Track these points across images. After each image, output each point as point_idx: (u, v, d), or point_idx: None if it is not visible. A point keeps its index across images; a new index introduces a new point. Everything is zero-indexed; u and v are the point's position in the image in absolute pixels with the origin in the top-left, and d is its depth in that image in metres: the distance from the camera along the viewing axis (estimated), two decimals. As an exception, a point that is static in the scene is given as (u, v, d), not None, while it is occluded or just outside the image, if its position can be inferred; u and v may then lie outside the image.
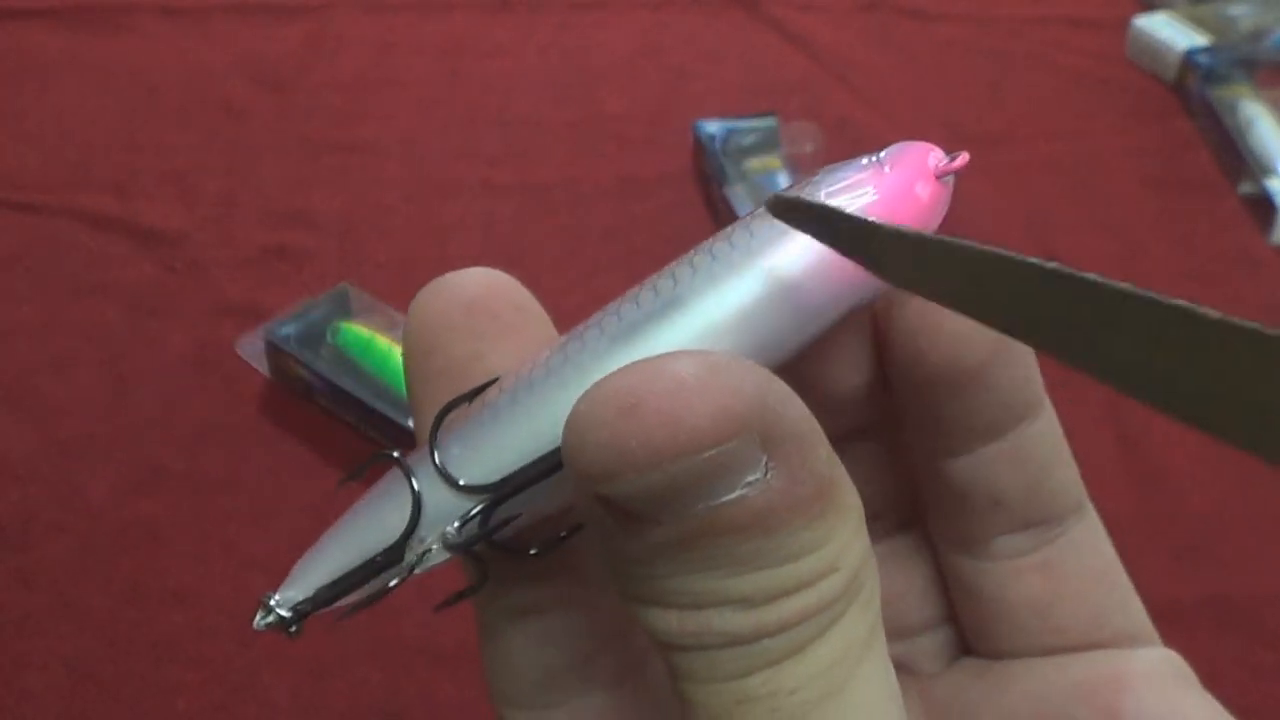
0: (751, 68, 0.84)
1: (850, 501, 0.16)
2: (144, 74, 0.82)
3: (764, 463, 0.15)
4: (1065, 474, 0.21)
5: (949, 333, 0.19)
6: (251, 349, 0.61)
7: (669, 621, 0.16)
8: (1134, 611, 0.22)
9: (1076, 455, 0.22)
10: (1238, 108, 0.76)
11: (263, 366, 0.60)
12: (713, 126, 0.73)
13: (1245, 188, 0.73)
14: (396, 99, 0.81)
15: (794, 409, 0.16)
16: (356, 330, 0.60)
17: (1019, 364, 0.20)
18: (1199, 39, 0.81)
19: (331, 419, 0.58)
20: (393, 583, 0.19)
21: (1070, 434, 0.22)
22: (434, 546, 0.18)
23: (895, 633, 0.22)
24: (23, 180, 0.73)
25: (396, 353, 0.58)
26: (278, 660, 0.49)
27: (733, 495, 0.15)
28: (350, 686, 0.48)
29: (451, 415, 0.18)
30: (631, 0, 0.90)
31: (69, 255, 0.68)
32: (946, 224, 0.21)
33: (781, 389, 0.15)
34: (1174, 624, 0.56)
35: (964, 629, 0.22)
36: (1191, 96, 0.79)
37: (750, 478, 0.15)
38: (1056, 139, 0.78)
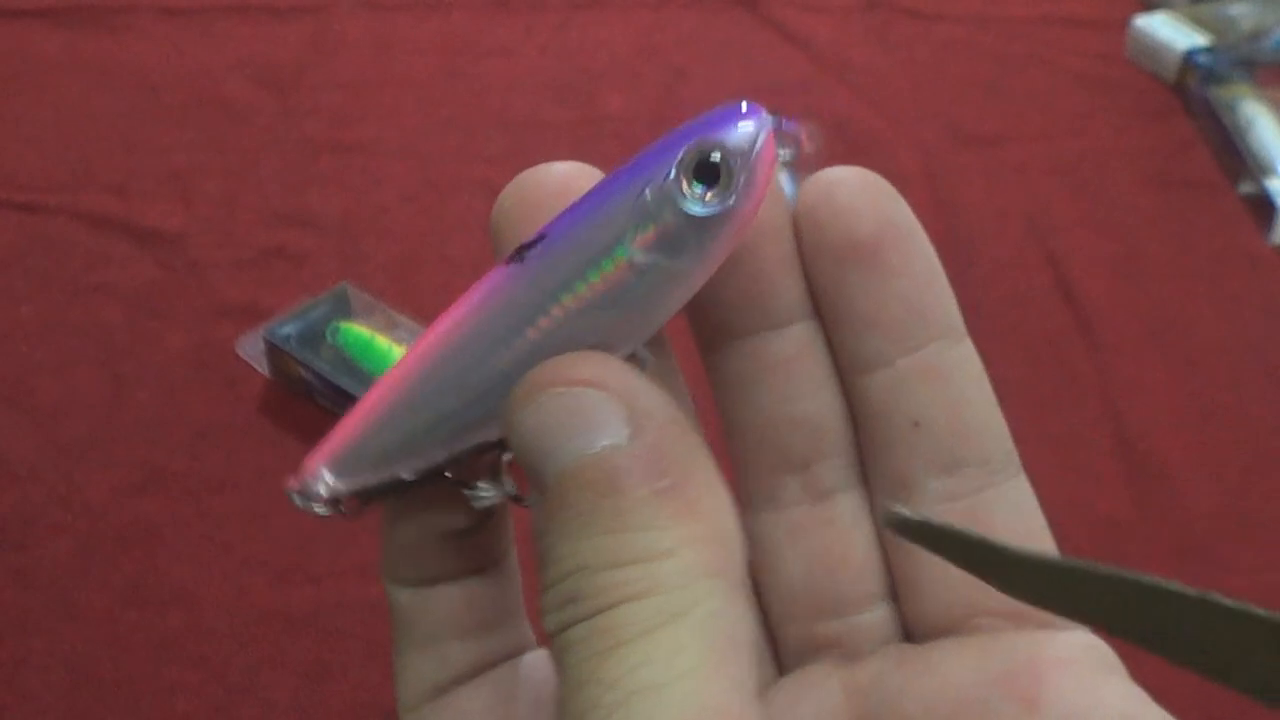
0: (751, 68, 0.84)
1: (708, 506, 0.18)
2: (144, 74, 0.82)
3: (627, 434, 0.18)
4: (989, 415, 0.22)
5: (841, 203, 0.21)
6: (251, 349, 0.61)
7: (551, 615, 0.18)
8: None
9: (1076, 455, 0.22)
10: (1238, 108, 0.76)
11: (263, 366, 0.60)
12: (713, 126, 0.73)
13: (1245, 188, 0.73)
14: (396, 99, 0.81)
15: (658, 398, 0.18)
16: (356, 330, 0.60)
17: (928, 273, 0.21)
18: (1199, 39, 0.81)
19: (331, 419, 0.58)
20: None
21: (1070, 434, 0.22)
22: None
23: (833, 609, 0.22)
24: (23, 180, 0.73)
25: (396, 353, 0.58)
26: (278, 660, 0.49)
27: (593, 450, 0.18)
28: (350, 686, 0.48)
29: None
30: (631, 0, 0.90)
31: (69, 255, 0.68)
32: (948, 226, 0.21)
33: (648, 385, 0.19)
34: (1174, 624, 0.56)
35: (899, 597, 0.22)
36: (1191, 96, 0.79)
37: (609, 440, 0.18)
38: (1056, 139, 0.78)
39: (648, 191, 0.19)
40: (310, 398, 0.58)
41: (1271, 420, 0.60)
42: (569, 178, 0.21)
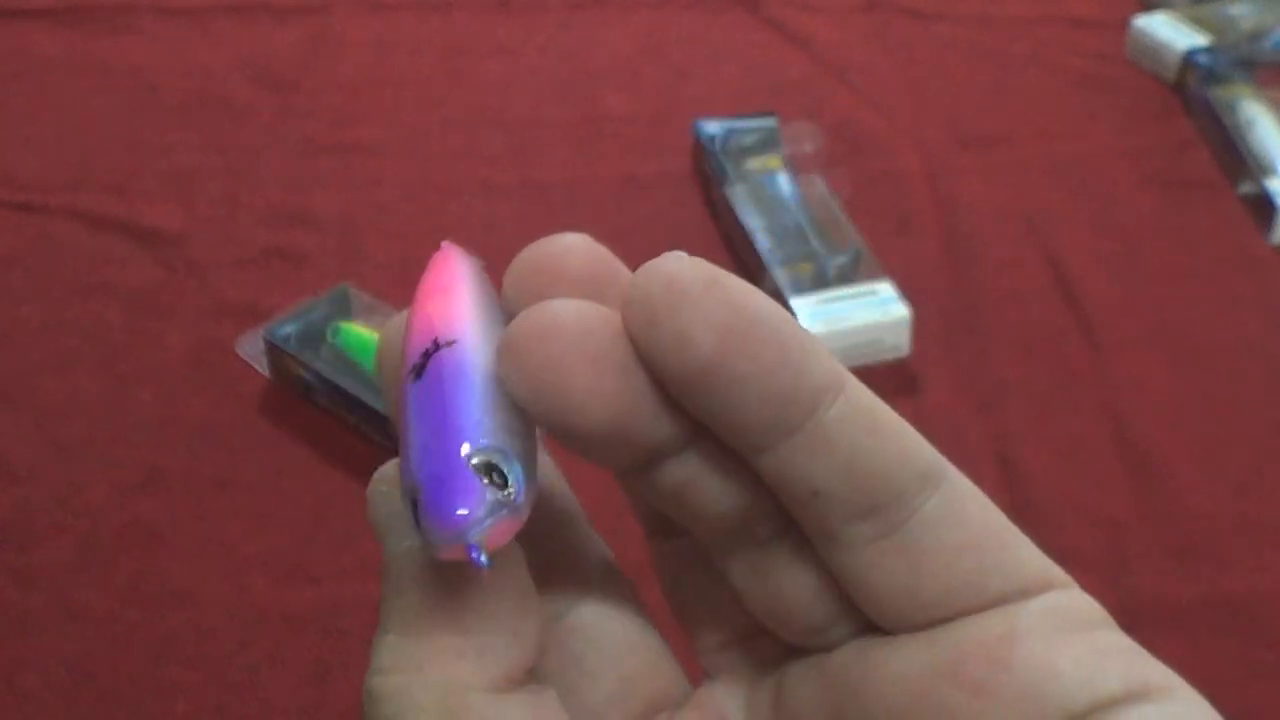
0: (751, 68, 0.84)
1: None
2: (144, 74, 0.82)
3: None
4: (887, 453, 0.21)
5: (674, 333, 0.19)
6: (251, 349, 0.61)
7: None
8: (1019, 566, 0.22)
9: (1076, 456, 0.22)
10: (1238, 108, 0.76)
11: (263, 366, 0.60)
12: (713, 126, 0.73)
13: (1245, 188, 0.73)
14: (396, 99, 0.81)
15: None
16: (356, 330, 0.60)
17: (784, 357, 0.20)
18: (1199, 39, 0.81)
19: (331, 419, 0.58)
20: None
21: (1070, 434, 0.23)
22: None
23: (804, 633, 0.22)
24: (23, 180, 0.73)
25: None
26: (278, 660, 0.49)
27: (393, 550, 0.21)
28: (350, 687, 0.48)
29: None
30: (631, 0, 0.90)
31: (69, 255, 0.68)
32: (948, 226, 0.21)
33: None
34: (1174, 624, 0.56)
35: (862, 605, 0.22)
36: (1191, 96, 0.79)
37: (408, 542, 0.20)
38: (1056, 139, 0.78)
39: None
40: (310, 398, 0.58)
41: (1271, 420, 0.60)
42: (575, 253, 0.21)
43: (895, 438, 0.21)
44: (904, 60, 0.85)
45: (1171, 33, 0.82)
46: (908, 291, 0.62)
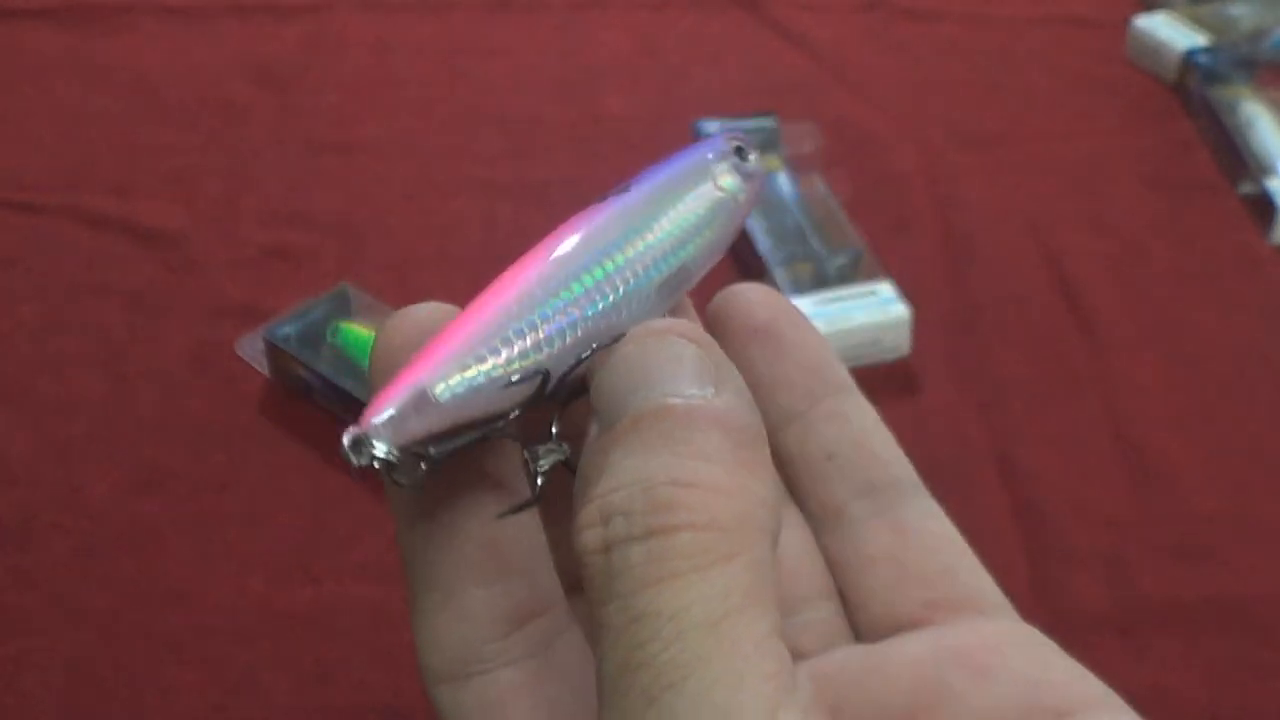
0: (751, 68, 0.84)
1: (764, 473, 0.20)
2: (144, 74, 0.82)
3: (711, 390, 0.20)
4: (890, 448, 0.26)
5: (740, 301, 0.26)
6: (251, 349, 0.61)
7: (595, 530, 0.19)
8: (988, 581, 0.25)
9: (1076, 456, 0.23)
10: (1238, 108, 0.76)
11: (263, 366, 0.60)
12: (713, 126, 0.73)
13: (1245, 188, 0.73)
14: (396, 99, 0.81)
15: (735, 370, 0.21)
16: (356, 330, 0.60)
17: (815, 343, 0.26)
18: (1199, 39, 0.81)
19: (331, 419, 0.58)
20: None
21: (1070, 434, 0.23)
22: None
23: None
24: (23, 180, 0.73)
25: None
26: (278, 660, 0.49)
27: (680, 399, 0.20)
28: (350, 686, 0.48)
29: None
30: (631, 0, 0.90)
31: (69, 255, 0.68)
32: (948, 226, 0.22)
33: (728, 359, 0.22)
34: (1174, 624, 0.56)
35: (846, 607, 0.25)
36: (1191, 96, 0.79)
37: (696, 390, 0.20)
38: (1056, 139, 0.78)
39: (712, 157, 0.27)
40: (310, 398, 0.58)
41: (1271, 420, 0.60)
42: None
43: (895, 443, 0.26)
44: (904, 60, 0.85)
45: (1171, 33, 0.82)
46: (908, 291, 0.62)
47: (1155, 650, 0.50)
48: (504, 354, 0.22)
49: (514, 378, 0.22)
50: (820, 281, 0.63)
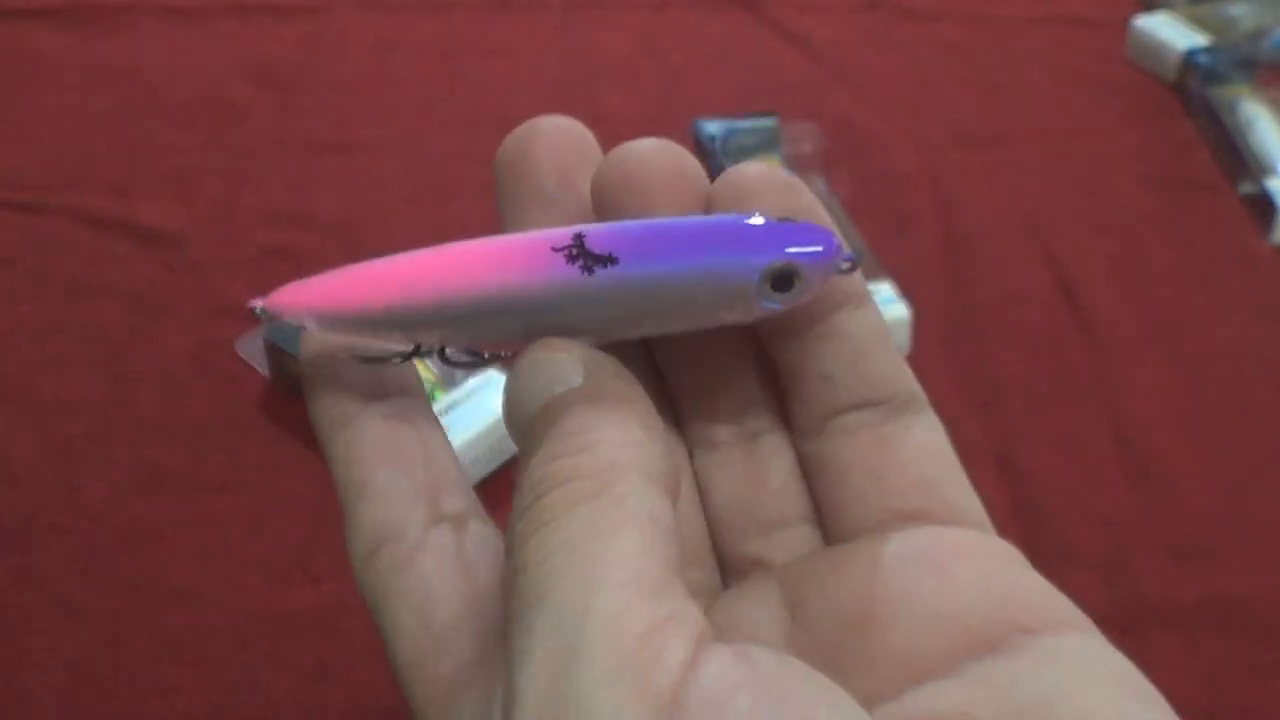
0: (751, 68, 0.84)
1: (638, 423, 0.21)
2: (144, 74, 0.82)
3: (579, 379, 0.22)
4: (890, 361, 0.25)
5: (737, 178, 0.24)
6: (251, 349, 0.61)
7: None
8: (971, 499, 0.24)
9: (1076, 456, 0.23)
10: (1238, 108, 0.76)
11: (263, 366, 0.60)
12: (713, 126, 0.73)
13: (1245, 188, 0.73)
14: (396, 99, 0.81)
15: (609, 359, 0.22)
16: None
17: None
18: (1199, 39, 0.81)
19: (331, 419, 0.58)
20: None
21: (1070, 434, 0.23)
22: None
23: (757, 529, 0.25)
24: (23, 180, 0.73)
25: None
26: (278, 660, 0.49)
27: (552, 395, 0.21)
28: (350, 686, 0.48)
29: None
30: (631, 0, 0.90)
31: (69, 255, 0.68)
32: (948, 226, 0.22)
33: (603, 354, 0.22)
34: (1174, 624, 0.56)
35: (818, 513, 0.25)
36: (1191, 96, 0.79)
37: (565, 385, 0.22)
38: (1056, 139, 0.78)
39: (731, 282, 0.23)
40: (310, 398, 0.58)
41: (1271, 420, 0.60)
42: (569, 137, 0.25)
43: (897, 357, 0.25)
44: (904, 60, 0.85)
45: (1171, 33, 0.82)
46: (908, 291, 0.62)
47: (1155, 650, 0.50)
48: (393, 338, 0.24)
49: (390, 352, 0.24)
50: (820, 281, 0.63)
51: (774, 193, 0.24)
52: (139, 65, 0.82)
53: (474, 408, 0.55)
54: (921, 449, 0.24)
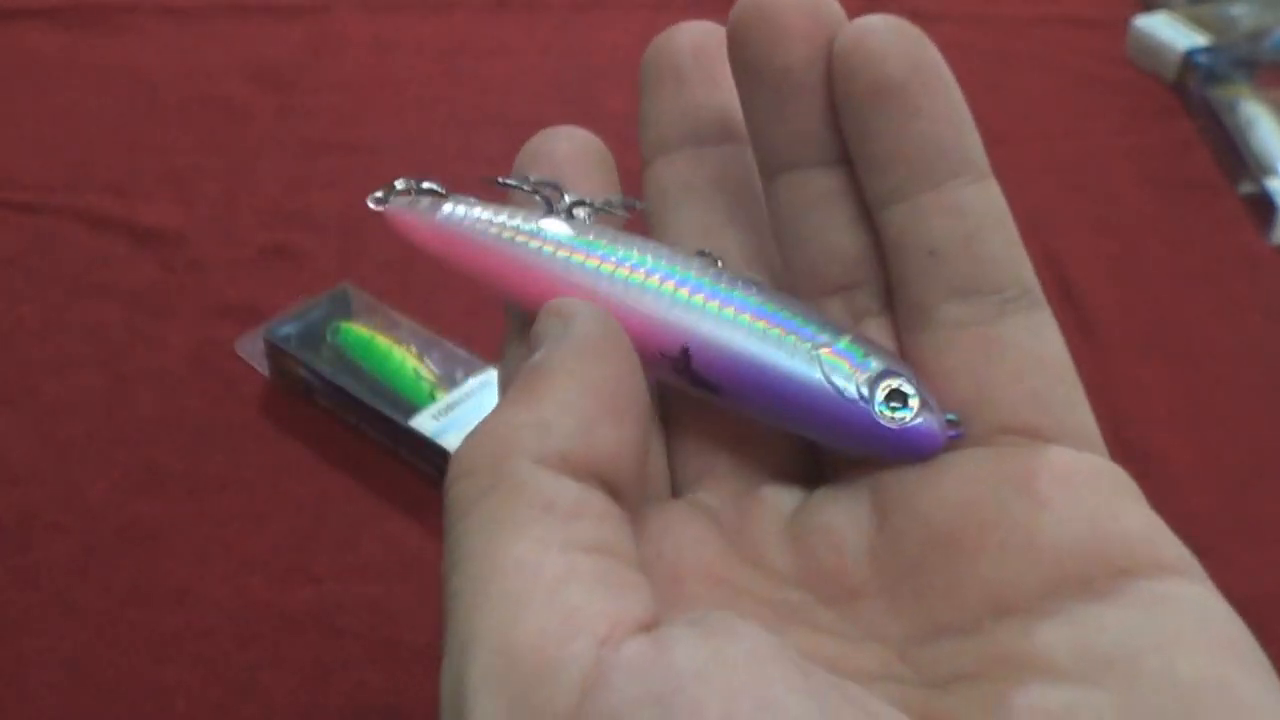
0: (751, 68, 0.84)
1: (549, 384, 0.20)
2: (144, 74, 0.82)
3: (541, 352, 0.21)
4: (1005, 249, 0.23)
5: (872, 49, 0.22)
6: (251, 349, 0.61)
7: None
8: (1084, 416, 0.22)
9: None
10: (1238, 108, 0.76)
11: (263, 366, 0.60)
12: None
13: (1245, 188, 0.73)
14: (396, 99, 0.81)
15: (583, 329, 0.21)
16: (356, 330, 0.60)
17: (951, 113, 0.23)
18: (1199, 39, 0.81)
19: (331, 419, 0.58)
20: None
21: None
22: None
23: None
24: (23, 180, 0.73)
25: (396, 352, 0.58)
26: (278, 660, 0.49)
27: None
28: (350, 686, 0.48)
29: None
30: (631, 0, 0.90)
31: (69, 255, 0.68)
32: None
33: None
34: (1174, 624, 0.55)
35: None
36: (1191, 96, 0.79)
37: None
38: (1056, 139, 0.78)
39: (846, 393, 0.22)
40: (310, 398, 0.58)
41: (1271, 420, 0.60)
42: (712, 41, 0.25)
43: (1015, 243, 0.23)
44: (904, 60, 0.85)
45: (1171, 33, 0.82)
46: (908, 291, 0.62)
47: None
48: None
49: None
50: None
51: (901, 55, 0.22)
52: (139, 65, 0.82)
53: (474, 407, 0.55)
54: (1033, 357, 0.23)
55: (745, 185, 0.26)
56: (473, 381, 0.57)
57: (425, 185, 0.26)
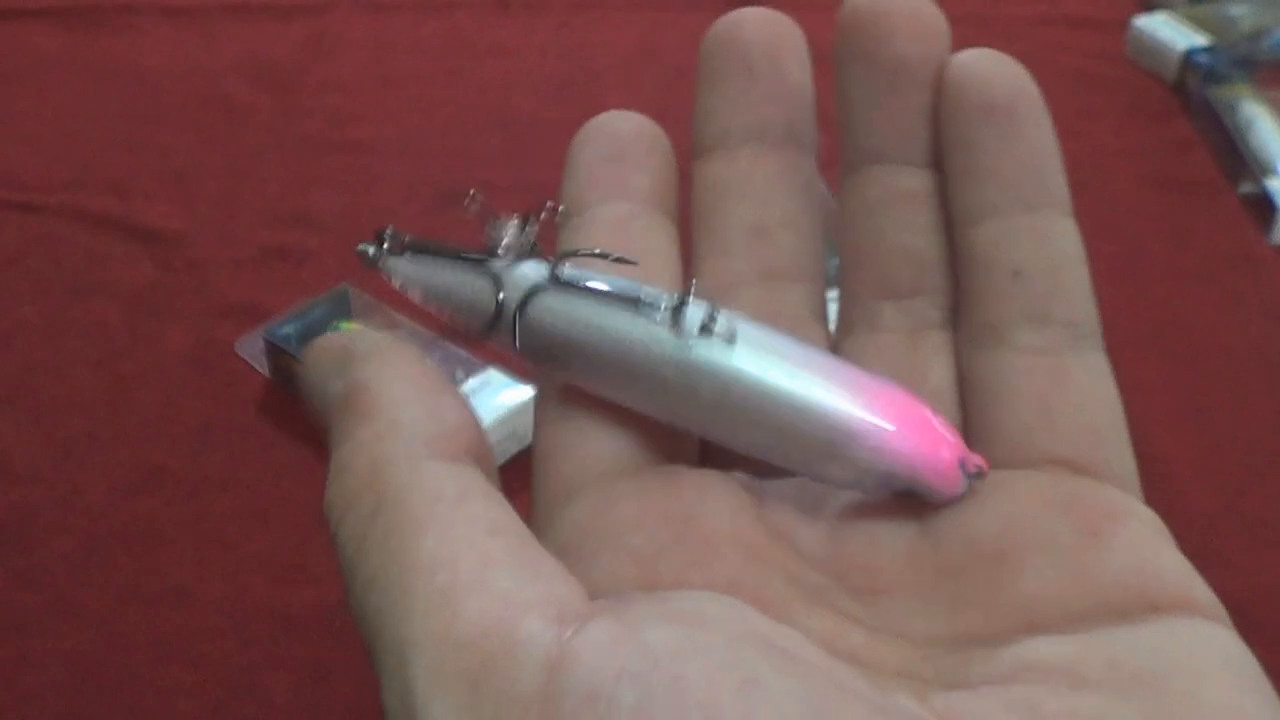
0: (751, 68, 0.84)
1: (382, 402, 0.21)
2: (144, 74, 0.82)
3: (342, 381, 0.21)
4: (1082, 285, 0.23)
5: (984, 71, 0.23)
6: (251, 349, 0.61)
7: None
8: (1129, 460, 0.23)
9: None
10: (1238, 108, 0.76)
11: (263, 366, 0.60)
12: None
13: (1245, 188, 0.73)
14: (396, 99, 0.81)
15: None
16: (357, 330, 0.60)
17: (1050, 148, 0.24)
18: (1199, 39, 0.81)
19: (331, 419, 0.58)
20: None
21: None
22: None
23: None
24: (23, 180, 0.73)
25: (396, 353, 0.58)
26: (278, 660, 0.49)
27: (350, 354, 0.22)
28: (350, 686, 0.48)
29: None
30: (631, 0, 0.90)
31: (69, 255, 0.68)
32: None
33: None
34: (1174, 624, 0.55)
35: (963, 430, 0.23)
36: (1191, 96, 0.79)
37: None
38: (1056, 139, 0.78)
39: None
40: (310, 398, 0.58)
41: (1271, 420, 0.60)
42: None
43: (1089, 285, 0.23)
44: (904, 60, 0.85)
45: (1171, 33, 0.82)
46: (908, 291, 0.62)
47: (1155, 650, 0.50)
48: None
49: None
50: (820, 281, 0.63)
51: (1011, 81, 0.23)
52: (139, 65, 0.82)
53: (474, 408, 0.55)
54: (1096, 395, 0.23)
55: (805, 190, 0.26)
56: (473, 381, 0.57)
57: (409, 239, 0.27)
